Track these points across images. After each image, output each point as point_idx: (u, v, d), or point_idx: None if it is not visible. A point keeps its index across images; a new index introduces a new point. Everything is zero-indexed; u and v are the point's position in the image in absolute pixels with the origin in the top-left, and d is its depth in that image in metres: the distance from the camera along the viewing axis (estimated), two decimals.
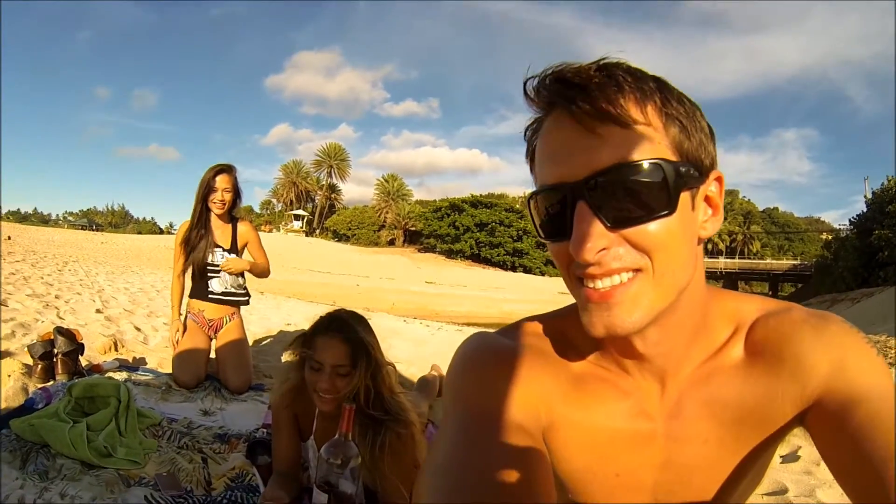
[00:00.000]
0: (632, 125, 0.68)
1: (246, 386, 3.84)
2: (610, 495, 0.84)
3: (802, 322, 0.79)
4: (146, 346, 4.76)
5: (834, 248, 32.69)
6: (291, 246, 49.95)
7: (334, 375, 1.93)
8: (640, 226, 0.69)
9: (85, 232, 51.27)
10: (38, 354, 3.06)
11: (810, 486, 2.69)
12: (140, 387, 3.38)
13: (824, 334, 0.77)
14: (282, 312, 8.44)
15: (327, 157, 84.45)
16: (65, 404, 2.40)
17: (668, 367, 0.80)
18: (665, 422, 0.82)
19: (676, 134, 0.70)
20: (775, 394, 0.77)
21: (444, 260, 57.17)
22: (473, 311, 21.94)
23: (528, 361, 0.83)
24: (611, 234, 0.69)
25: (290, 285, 21.32)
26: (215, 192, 3.90)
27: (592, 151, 0.68)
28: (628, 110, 0.68)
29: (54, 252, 17.51)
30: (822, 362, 0.75)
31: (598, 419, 0.82)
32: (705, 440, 0.81)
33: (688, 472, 0.82)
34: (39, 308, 5.64)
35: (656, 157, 0.68)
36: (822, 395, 0.74)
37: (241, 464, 2.38)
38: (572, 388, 0.83)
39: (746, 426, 0.79)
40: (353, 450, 1.70)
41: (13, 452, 2.11)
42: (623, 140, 0.68)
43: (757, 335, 0.81)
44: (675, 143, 0.70)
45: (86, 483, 2.00)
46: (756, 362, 0.79)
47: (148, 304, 7.33)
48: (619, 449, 0.82)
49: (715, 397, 0.80)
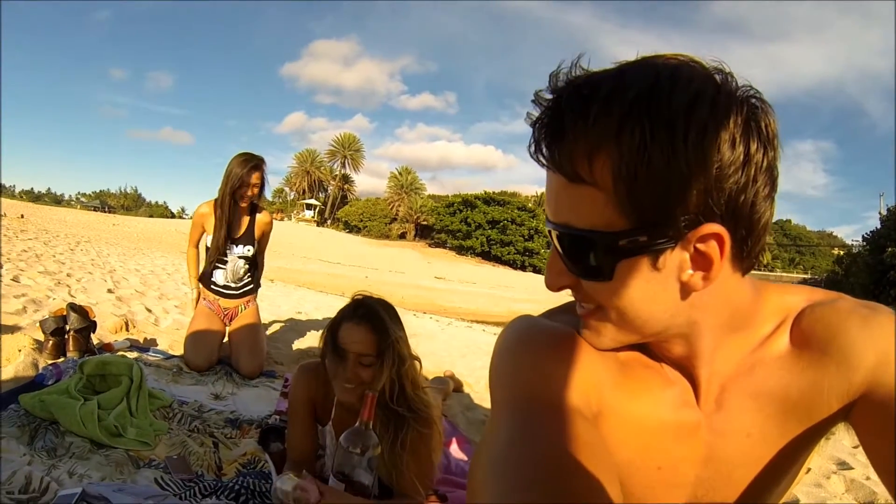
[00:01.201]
0: (575, 183, 0.65)
1: (258, 371, 3.80)
2: (650, 490, 0.80)
3: (850, 312, 0.75)
4: (157, 327, 4.72)
5: (845, 263, 32.59)
6: (302, 235, 50.25)
7: (358, 366, 1.84)
8: (584, 280, 0.71)
9: (97, 213, 51.74)
10: (50, 330, 3.01)
11: (820, 497, 2.67)
12: (151, 368, 3.33)
13: (872, 325, 0.73)
14: (292, 300, 8.42)
15: (341, 147, 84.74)
16: (76, 381, 2.35)
17: (704, 365, 0.77)
18: (709, 413, 0.79)
19: (636, 190, 0.61)
20: (821, 386, 0.74)
21: (454, 256, 57.30)
22: (482, 308, 21.82)
23: (580, 345, 0.78)
24: (571, 275, 0.72)
25: (300, 274, 21.38)
26: (247, 186, 3.85)
27: (554, 198, 0.70)
28: (574, 165, 0.64)
29: (66, 231, 17.67)
30: (869, 354, 0.71)
31: (645, 408, 0.78)
32: (748, 433, 0.77)
33: (729, 468, 0.79)
34: (51, 285, 5.61)
35: (591, 225, 0.66)
36: (868, 387, 0.71)
37: (254, 450, 2.32)
38: (620, 374, 0.79)
39: (791, 419, 0.76)
40: (373, 439, 1.63)
41: (21, 428, 2.06)
42: (568, 196, 0.67)
43: (803, 326, 0.77)
44: (627, 203, 0.62)
45: (95, 462, 1.94)
46: (802, 354, 0.76)
47: (159, 286, 7.30)
48: (663, 440, 0.79)
49: (759, 389, 0.77)
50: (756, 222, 0.65)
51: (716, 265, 0.65)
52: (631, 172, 0.60)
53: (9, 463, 1.77)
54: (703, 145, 0.59)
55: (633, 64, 0.66)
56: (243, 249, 4.02)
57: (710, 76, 0.63)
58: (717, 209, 0.62)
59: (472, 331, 9.23)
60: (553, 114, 0.65)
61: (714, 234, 0.63)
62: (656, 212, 0.62)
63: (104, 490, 1.68)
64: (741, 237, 0.65)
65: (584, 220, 0.66)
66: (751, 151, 0.61)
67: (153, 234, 29.04)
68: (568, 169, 0.64)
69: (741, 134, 0.61)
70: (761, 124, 0.63)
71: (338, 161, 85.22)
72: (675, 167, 0.59)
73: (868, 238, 28.60)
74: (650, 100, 0.60)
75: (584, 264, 0.69)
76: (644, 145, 0.59)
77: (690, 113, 0.59)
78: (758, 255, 0.69)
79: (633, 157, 0.60)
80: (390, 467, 1.83)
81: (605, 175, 0.62)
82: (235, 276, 4.04)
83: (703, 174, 0.60)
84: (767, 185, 0.64)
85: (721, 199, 0.61)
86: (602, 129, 0.61)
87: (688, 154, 0.59)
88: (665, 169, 0.60)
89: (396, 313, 2.00)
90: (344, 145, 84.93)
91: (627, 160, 0.60)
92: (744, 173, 0.61)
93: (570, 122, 0.63)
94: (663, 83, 0.61)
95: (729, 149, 0.60)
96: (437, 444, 1.96)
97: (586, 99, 0.62)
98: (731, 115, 0.60)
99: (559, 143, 0.64)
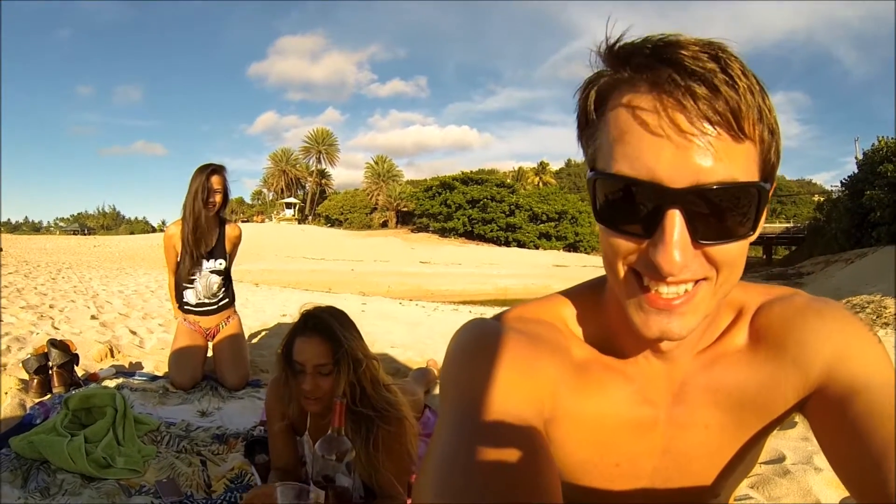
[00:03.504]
0: (742, 140, 0.64)
1: (243, 383, 3.87)
2: (610, 484, 0.84)
3: (805, 308, 0.79)
4: (142, 349, 4.79)
5: (826, 209, 32.81)
6: (284, 234, 49.92)
7: (317, 375, 1.93)
8: (723, 244, 0.67)
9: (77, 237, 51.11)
10: (34, 369, 3.08)
11: (808, 452, 2.73)
12: (137, 392, 3.41)
13: (826, 320, 0.76)
14: (276, 303, 8.48)
15: (315, 143, 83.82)
16: (62, 418, 2.44)
17: (677, 355, 0.79)
18: (668, 408, 0.81)
19: (766, 149, 0.67)
20: (777, 380, 0.77)
21: (437, 239, 57.08)
22: (469, 289, 21.98)
23: (529, 349, 0.78)
24: (693, 248, 0.66)
25: (284, 274, 21.37)
26: (209, 192, 3.81)
27: (699, 159, 0.63)
28: (744, 122, 0.63)
29: (47, 260, 17.51)
30: (824, 349, 0.74)
31: (602, 408, 0.80)
32: (706, 426, 0.81)
33: (687, 459, 0.82)
34: (34, 320, 5.66)
35: (754, 179, 0.66)
36: (822, 382, 0.74)
37: (240, 464, 2.42)
38: (575, 376, 0.80)
39: (747, 412, 0.79)
40: (347, 444, 1.72)
41: (14, 472, 2.15)
42: (731, 155, 0.64)
43: (760, 322, 0.80)
44: (764, 160, 0.67)
45: (87, 496, 2.04)
46: (759, 348, 0.79)
47: (143, 305, 7.35)
48: (621, 439, 0.81)
49: (718, 383, 0.80)
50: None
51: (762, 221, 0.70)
52: (773, 128, 0.66)
53: None
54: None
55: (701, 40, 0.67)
56: (214, 263, 3.99)
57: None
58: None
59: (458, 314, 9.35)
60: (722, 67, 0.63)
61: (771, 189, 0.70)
62: (774, 166, 0.69)
63: None
64: None
65: (747, 174, 0.65)
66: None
67: (135, 252, 28.84)
68: (742, 127, 0.63)
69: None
70: None
71: (313, 157, 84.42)
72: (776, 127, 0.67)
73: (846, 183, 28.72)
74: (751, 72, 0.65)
75: (737, 221, 0.67)
76: (766, 104, 0.65)
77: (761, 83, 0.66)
78: None
79: (770, 114, 0.66)
80: (368, 469, 1.92)
81: (756, 134, 0.65)
82: (209, 292, 4.01)
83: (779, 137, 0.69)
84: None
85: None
86: (752, 91, 0.64)
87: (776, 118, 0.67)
88: (776, 127, 0.67)
89: (348, 318, 2.09)
90: (318, 140, 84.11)
91: (769, 117, 0.66)
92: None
93: (735, 81, 0.63)
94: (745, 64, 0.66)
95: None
96: (411, 438, 2.05)
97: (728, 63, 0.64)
98: None
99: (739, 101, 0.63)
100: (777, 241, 49.01)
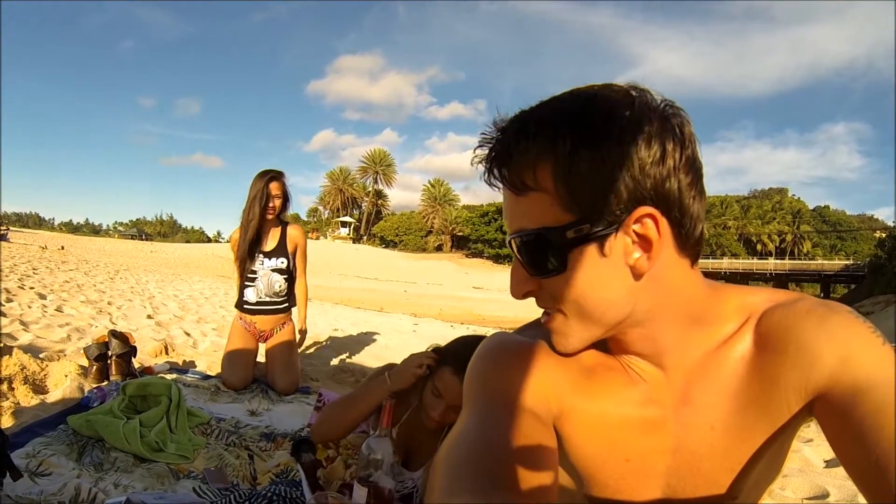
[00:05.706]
0: (524, 193, 0.76)
1: (293, 388, 3.89)
2: (622, 480, 0.87)
3: (807, 312, 0.79)
4: (195, 350, 4.89)
5: (888, 246, 31.47)
6: (338, 253, 50.65)
7: (450, 410, 1.98)
8: (543, 279, 0.79)
9: (135, 241, 52.80)
10: (94, 356, 3.18)
11: (853, 491, 2.62)
12: (190, 388, 3.48)
13: (828, 324, 0.76)
14: (328, 318, 8.58)
15: (373, 163, 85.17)
16: (119, 402, 2.51)
17: (670, 359, 0.84)
18: (675, 408, 0.85)
19: (574, 187, 0.73)
20: (778, 383, 0.78)
21: (491, 265, 57.17)
22: (520, 315, 21.76)
23: (541, 355, 0.88)
24: (532, 280, 0.81)
25: (337, 291, 21.61)
26: (269, 198, 3.91)
27: (508, 212, 0.81)
28: (521, 177, 0.75)
29: (106, 261, 18.10)
30: (826, 352, 0.75)
31: (608, 406, 0.86)
32: (712, 427, 0.83)
33: (696, 459, 0.84)
34: (93, 313, 5.85)
35: (541, 224, 0.75)
36: (827, 385, 0.74)
37: (286, 460, 2.44)
38: (582, 378, 0.88)
39: (750, 414, 0.81)
40: (391, 446, 1.74)
41: (70, 446, 2.22)
42: (520, 206, 0.78)
43: (764, 326, 0.82)
44: (569, 199, 0.73)
45: (138, 475, 2.09)
46: (761, 352, 0.81)
47: (197, 310, 7.53)
48: (628, 434, 0.86)
49: (721, 386, 0.82)
50: (687, 207, 0.75)
51: (655, 244, 0.73)
52: (566, 172, 0.72)
53: (59, 476, 1.94)
54: (621, 145, 0.71)
55: (561, 94, 0.79)
56: (276, 262, 4.05)
57: (627, 93, 0.75)
58: (646, 194, 0.72)
59: None
60: (499, 141, 0.77)
61: (647, 214, 0.72)
62: (593, 203, 0.72)
63: (147, 499, 1.82)
64: (676, 219, 0.75)
65: (535, 222, 0.76)
66: (667, 148, 0.72)
67: (190, 260, 29.58)
68: (517, 182, 0.76)
69: (657, 135, 0.72)
70: (675, 127, 0.74)
71: (370, 177, 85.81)
72: (602, 164, 0.71)
73: None
74: (577, 115, 0.73)
75: (542, 262, 0.77)
76: (574, 150, 0.71)
77: (609, 121, 0.71)
78: (699, 240, 0.79)
79: (566, 161, 0.72)
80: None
81: (546, 180, 0.73)
82: (271, 290, 4.06)
83: (627, 168, 0.71)
84: (690, 174, 0.74)
85: (647, 186, 0.72)
86: (540, 143, 0.73)
87: (611, 152, 0.71)
88: (594, 166, 0.71)
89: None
90: (375, 161, 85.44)
91: (563, 163, 0.72)
92: (664, 166, 0.72)
93: (514, 142, 0.75)
94: (587, 102, 0.74)
95: (646, 147, 0.71)
96: None
97: (525, 123, 0.75)
98: (645, 120, 0.72)
99: (508, 162, 0.76)
100: (835, 278, 47.18)
